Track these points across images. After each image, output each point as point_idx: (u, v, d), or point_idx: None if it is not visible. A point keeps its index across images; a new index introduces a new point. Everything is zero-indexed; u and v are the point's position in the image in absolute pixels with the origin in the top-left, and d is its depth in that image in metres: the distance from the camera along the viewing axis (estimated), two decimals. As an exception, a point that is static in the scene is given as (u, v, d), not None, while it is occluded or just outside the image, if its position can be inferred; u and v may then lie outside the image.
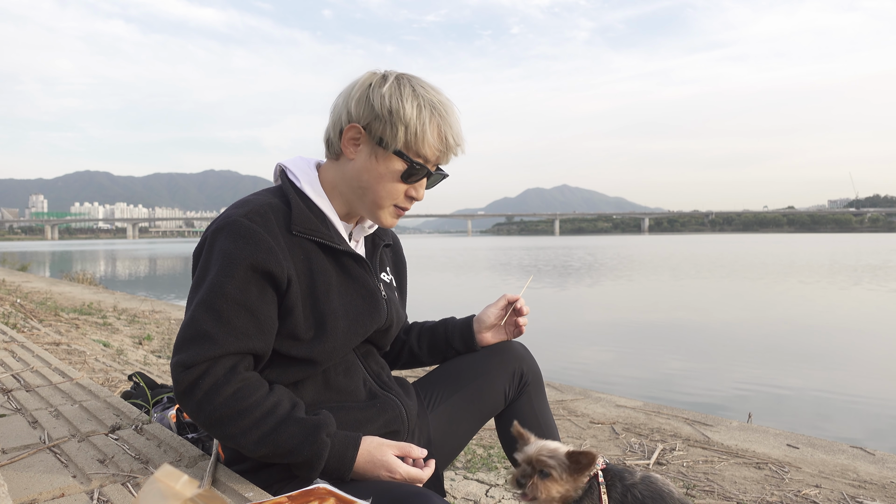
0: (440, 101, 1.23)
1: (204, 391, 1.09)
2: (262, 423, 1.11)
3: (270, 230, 1.16)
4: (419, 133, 1.19)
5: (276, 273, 1.14)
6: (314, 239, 1.22)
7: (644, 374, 6.07)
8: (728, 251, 39.31)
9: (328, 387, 1.25)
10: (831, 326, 9.39)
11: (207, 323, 1.10)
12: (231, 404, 1.10)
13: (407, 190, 1.26)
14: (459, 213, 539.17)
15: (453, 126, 1.24)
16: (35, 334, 4.19)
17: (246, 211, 1.17)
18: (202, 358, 1.09)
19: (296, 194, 1.25)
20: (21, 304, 6.32)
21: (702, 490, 2.30)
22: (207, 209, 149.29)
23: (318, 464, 1.13)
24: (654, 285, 16.30)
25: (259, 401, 1.12)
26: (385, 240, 1.44)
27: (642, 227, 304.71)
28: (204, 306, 1.11)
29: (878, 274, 18.82)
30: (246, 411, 1.10)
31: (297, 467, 1.15)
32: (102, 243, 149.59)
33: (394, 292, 1.41)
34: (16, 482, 1.21)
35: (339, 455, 1.14)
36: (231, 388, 1.10)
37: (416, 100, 1.20)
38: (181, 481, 0.85)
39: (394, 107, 1.18)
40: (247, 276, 1.12)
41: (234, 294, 1.11)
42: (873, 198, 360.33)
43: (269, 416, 1.11)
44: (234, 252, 1.12)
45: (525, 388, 1.52)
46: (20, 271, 17.04)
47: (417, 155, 1.22)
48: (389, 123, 1.18)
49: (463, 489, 2.24)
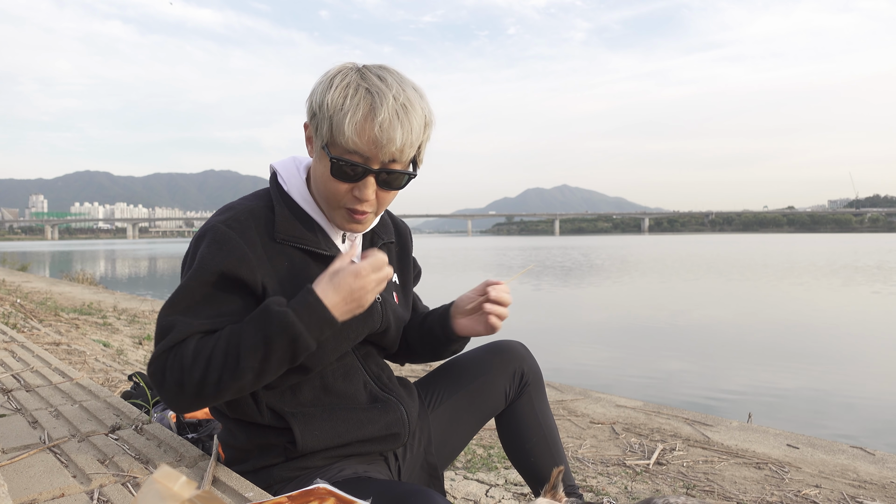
0: (379, 92, 1.08)
1: (174, 375, 1.06)
2: (227, 353, 1.06)
3: (247, 237, 1.14)
4: (338, 126, 1.08)
5: (248, 280, 1.12)
6: (298, 246, 1.19)
7: (644, 374, 6.07)
8: (728, 251, 39.31)
9: (327, 391, 1.24)
10: (831, 326, 9.40)
11: (170, 317, 1.10)
12: (195, 364, 1.06)
13: (352, 189, 1.14)
14: (459, 213, 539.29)
15: (381, 118, 1.07)
16: (35, 334, 4.19)
17: (226, 217, 1.16)
18: (165, 348, 1.08)
19: (281, 198, 1.22)
20: (21, 304, 6.32)
21: (702, 490, 2.30)
22: (207, 209, 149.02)
23: (295, 330, 1.05)
24: (654, 285, 16.30)
25: (213, 341, 1.07)
26: (384, 237, 1.36)
27: (642, 227, 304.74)
28: (169, 306, 1.12)
29: (877, 274, 18.82)
30: (208, 357, 1.06)
31: (292, 351, 1.07)
32: (102, 243, 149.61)
33: (392, 292, 1.36)
34: (16, 482, 1.21)
35: (306, 306, 1.07)
36: (190, 354, 1.07)
37: (347, 90, 1.09)
38: (179, 482, 0.85)
39: (324, 99, 1.10)
40: (215, 280, 1.11)
41: (198, 290, 1.11)
42: (873, 198, 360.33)
43: (224, 341, 1.07)
44: (208, 257, 1.12)
45: (526, 388, 1.51)
46: (20, 271, 17.03)
47: (347, 151, 1.10)
48: (320, 117, 1.11)
49: (463, 489, 2.24)
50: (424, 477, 1.41)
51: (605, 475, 2.44)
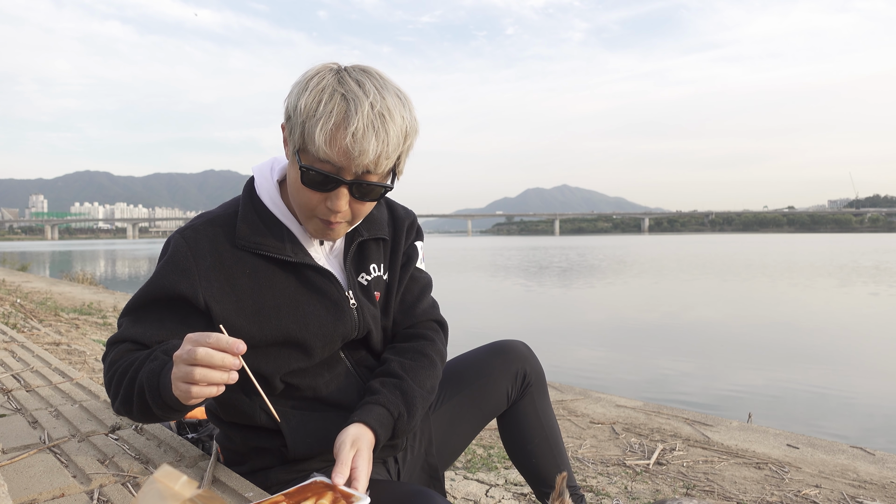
0: (356, 98, 1.00)
1: (105, 368, 1.12)
2: (120, 380, 1.07)
3: (198, 249, 1.13)
4: (309, 133, 1.01)
5: (188, 295, 1.11)
6: (261, 253, 1.15)
7: (644, 374, 6.07)
8: (728, 251, 39.31)
9: (320, 400, 1.22)
10: (831, 326, 9.40)
11: (121, 318, 1.17)
12: (107, 372, 1.11)
13: (324, 199, 1.07)
14: (459, 213, 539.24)
15: (354, 127, 0.99)
16: (35, 334, 4.19)
17: (187, 226, 1.18)
18: (108, 343, 1.15)
19: (251, 203, 1.20)
20: (21, 304, 6.31)
21: (702, 490, 2.30)
22: (207, 209, 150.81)
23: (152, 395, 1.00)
24: (654, 285, 16.30)
25: (126, 361, 1.08)
26: (366, 234, 1.26)
27: (642, 227, 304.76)
28: (126, 307, 1.18)
29: (876, 274, 18.81)
30: (112, 375, 1.09)
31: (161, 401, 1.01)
32: (102, 243, 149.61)
33: (372, 292, 1.27)
34: (16, 482, 1.21)
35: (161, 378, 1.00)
36: (109, 360, 1.11)
37: (321, 95, 1.01)
38: (180, 482, 0.85)
39: (298, 103, 1.03)
40: (159, 296, 1.13)
41: (145, 301, 1.14)
42: (873, 198, 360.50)
43: (125, 368, 1.07)
44: (158, 272, 1.14)
45: (528, 388, 1.49)
46: (20, 271, 17.03)
47: (318, 160, 1.03)
48: (293, 122, 1.05)
49: (463, 489, 2.23)
50: (425, 478, 1.40)
51: (605, 475, 2.44)
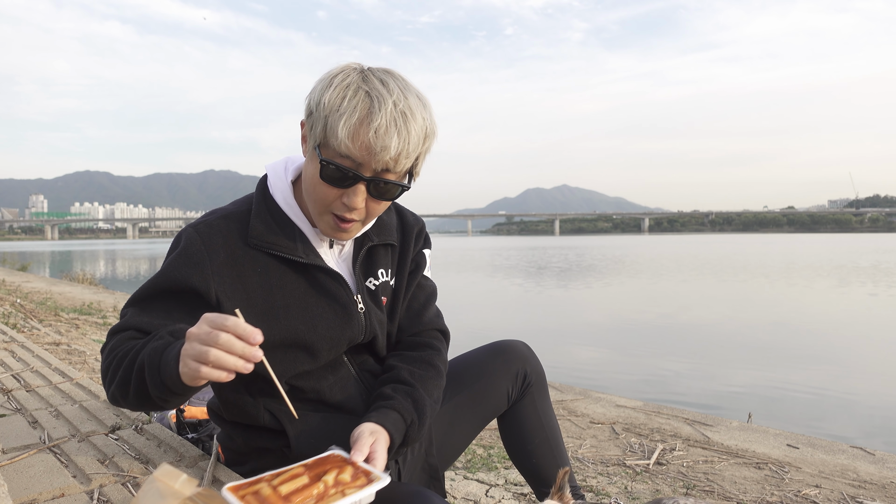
0: (380, 96, 1.03)
1: (103, 358, 1.09)
2: (121, 364, 1.05)
3: (212, 244, 1.13)
4: (332, 127, 1.03)
5: (200, 289, 1.11)
6: (273, 252, 1.16)
7: (644, 374, 6.07)
8: (728, 252, 39.31)
9: (324, 403, 1.23)
10: (831, 326, 9.40)
11: (126, 308, 1.15)
12: (106, 357, 1.08)
13: (341, 195, 1.09)
14: (459, 213, 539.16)
15: (377, 123, 1.02)
16: (35, 334, 4.19)
17: (200, 220, 1.18)
18: (109, 332, 1.12)
19: (264, 202, 1.20)
20: (21, 304, 6.32)
21: (702, 490, 2.30)
22: (207, 209, 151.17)
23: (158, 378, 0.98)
24: (654, 285, 16.30)
25: (129, 345, 1.06)
26: (375, 239, 1.27)
27: (642, 227, 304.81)
28: (131, 298, 1.16)
29: (876, 275, 18.82)
30: (113, 358, 1.07)
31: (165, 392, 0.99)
32: (102, 243, 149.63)
33: (379, 297, 1.28)
34: (16, 482, 1.21)
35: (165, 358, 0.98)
36: (110, 346, 1.09)
37: (346, 91, 1.04)
38: (180, 480, 0.85)
39: (322, 98, 1.05)
40: (169, 286, 1.12)
41: (154, 291, 1.13)
42: (873, 198, 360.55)
43: (125, 352, 1.06)
44: (170, 263, 1.14)
45: (528, 388, 1.49)
46: (20, 271, 17.02)
47: (339, 154, 1.05)
48: (315, 116, 1.07)
49: (463, 489, 2.23)
50: (425, 478, 1.40)
51: (605, 475, 2.44)
